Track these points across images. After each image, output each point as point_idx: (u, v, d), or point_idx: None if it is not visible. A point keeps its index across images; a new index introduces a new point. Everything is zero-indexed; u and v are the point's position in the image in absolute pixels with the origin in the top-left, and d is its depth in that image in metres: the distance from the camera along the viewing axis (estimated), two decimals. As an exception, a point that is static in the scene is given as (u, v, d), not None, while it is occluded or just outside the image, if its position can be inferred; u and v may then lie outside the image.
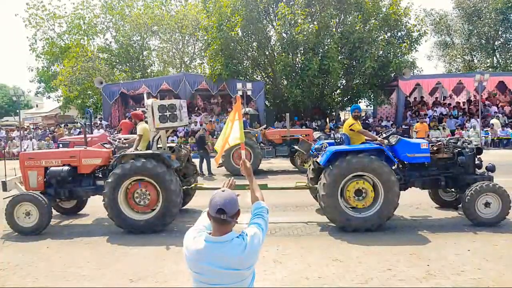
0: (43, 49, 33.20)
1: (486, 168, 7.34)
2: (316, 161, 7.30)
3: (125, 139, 8.76)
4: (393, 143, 7.31)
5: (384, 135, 7.61)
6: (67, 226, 7.74)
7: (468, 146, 7.38)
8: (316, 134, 14.89)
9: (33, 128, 23.99)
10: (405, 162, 7.43)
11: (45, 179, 7.48)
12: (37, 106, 58.56)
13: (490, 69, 30.56)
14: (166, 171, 6.88)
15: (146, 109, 7.20)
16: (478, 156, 7.39)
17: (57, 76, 28.85)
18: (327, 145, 7.29)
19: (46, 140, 20.51)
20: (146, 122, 7.55)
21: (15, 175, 7.76)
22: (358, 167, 6.62)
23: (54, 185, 7.44)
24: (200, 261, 2.20)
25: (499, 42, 32.32)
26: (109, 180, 6.92)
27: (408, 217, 7.64)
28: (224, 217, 2.19)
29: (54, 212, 8.03)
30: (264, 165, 15.00)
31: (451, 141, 7.61)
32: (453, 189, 7.80)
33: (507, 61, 32.14)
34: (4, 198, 7.14)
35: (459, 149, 7.36)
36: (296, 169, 13.69)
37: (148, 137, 7.50)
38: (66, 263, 5.74)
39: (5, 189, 7.47)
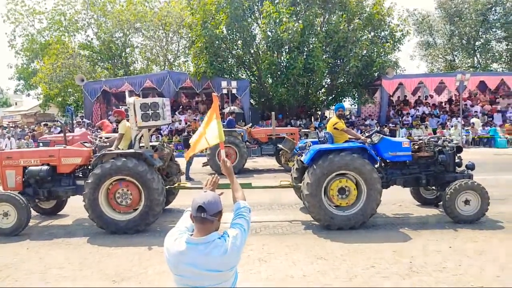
0: (22, 45, 32.50)
1: (466, 166, 7.48)
2: (300, 160, 7.32)
3: (106, 138, 8.61)
4: (376, 141, 7.37)
5: (367, 134, 7.67)
6: (47, 227, 7.57)
7: (449, 144, 7.48)
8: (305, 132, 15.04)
9: (12, 127, 23.38)
10: (387, 161, 7.51)
11: (23, 179, 7.31)
12: (16, 104, 57.07)
13: (471, 69, 31.18)
14: (148, 169, 6.77)
15: (128, 107, 7.08)
16: (458, 155, 7.52)
17: (37, 73, 28.22)
18: (311, 144, 7.30)
19: (26, 139, 20.00)
20: (128, 120, 7.42)
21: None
22: (341, 165, 6.65)
23: (33, 185, 7.29)
24: (181, 263, 2.17)
25: (480, 42, 33.01)
26: (89, 180, 6.78)
27: (391, 215, 7.73)
28: (204, 215, 2.17)
29: (33, 212, 7.84)
30: (250, 163, 15.00)
31: (432, 139, 7.70)
32: (433, 187, 7.93)
33: (487, 61, 32.88)
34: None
35: (440, 148, 7.47)
36: (282, 168, 13.72)
37: (130, 136, 7.38)
38: (47, 264, 5.61)
39: (-18, 189, 7.27)
